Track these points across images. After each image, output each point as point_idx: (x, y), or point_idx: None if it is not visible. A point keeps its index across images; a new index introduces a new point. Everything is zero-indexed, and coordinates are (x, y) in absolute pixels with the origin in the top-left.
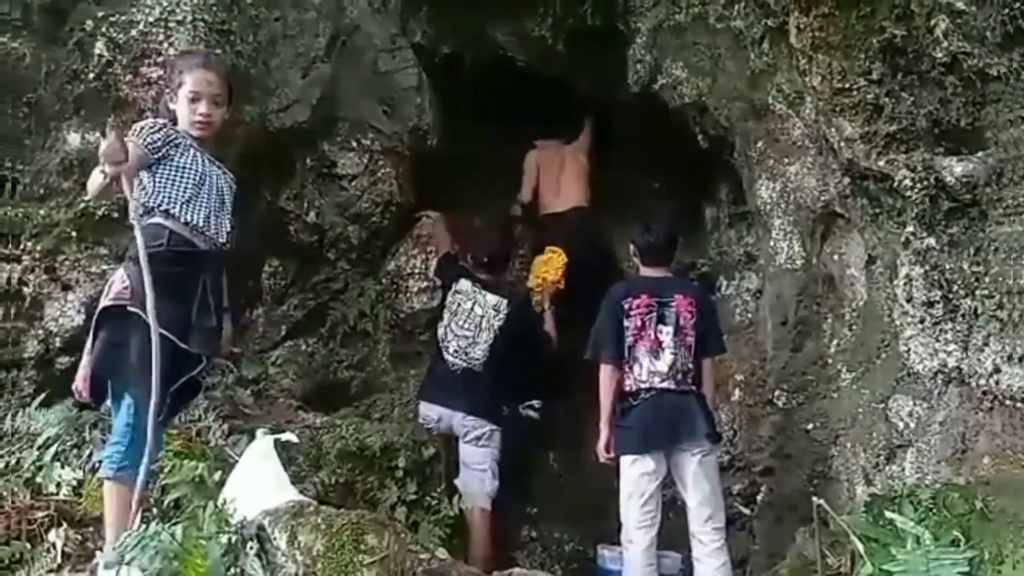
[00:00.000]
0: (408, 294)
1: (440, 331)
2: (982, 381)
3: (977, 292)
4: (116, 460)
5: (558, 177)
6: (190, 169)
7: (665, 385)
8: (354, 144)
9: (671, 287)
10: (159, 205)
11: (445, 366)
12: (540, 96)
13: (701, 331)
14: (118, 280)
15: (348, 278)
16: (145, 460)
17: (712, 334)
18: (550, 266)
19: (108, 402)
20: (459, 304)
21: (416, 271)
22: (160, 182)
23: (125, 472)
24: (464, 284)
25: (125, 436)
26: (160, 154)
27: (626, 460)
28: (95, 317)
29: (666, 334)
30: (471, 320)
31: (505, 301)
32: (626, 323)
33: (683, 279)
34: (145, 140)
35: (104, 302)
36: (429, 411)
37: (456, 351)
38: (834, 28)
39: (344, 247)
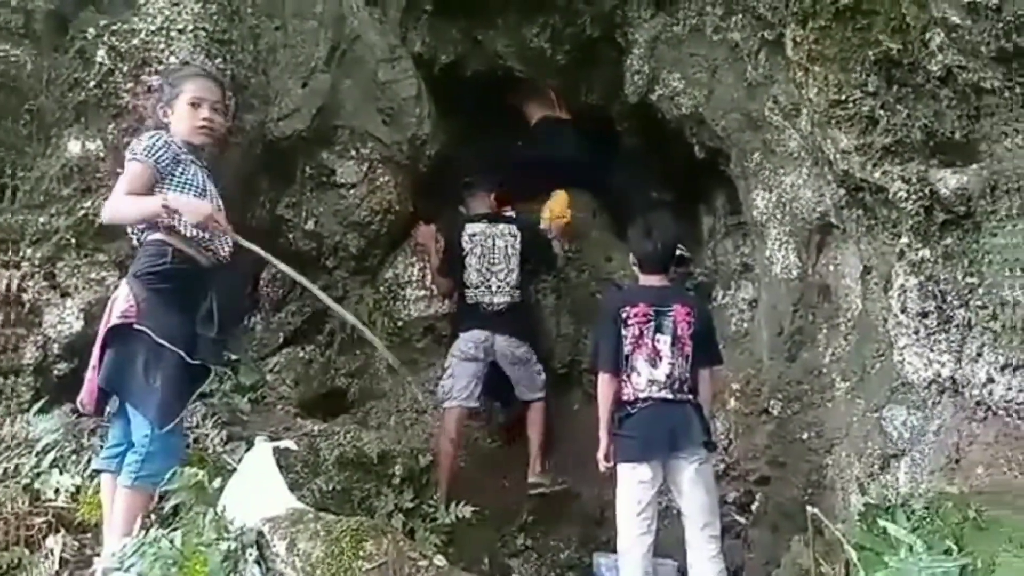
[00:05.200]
0: (406, 302)
1: (473, 277)
2: (976, 391)
3: (971, 303)
4: (135, 469)
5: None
6: (193, 184)
7: (663, 394)
8: (353, 153)
9: (670, 296)
10: (162, 222)
11: (475, 303)
12: None
13: (698, 341)
14: (123, 298)
15: (346, 286)
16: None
17: (710, 345)
18: (559, 203)
19: (108, 410)
20: (480, 245)
21: (414, 279)
22: None
23: (144, 482)
24: (474, 227)
25: (144, 447)
26: (167, 171)
27: (624, 468)
28: (103, 335)
29: (664, 343)
30: (497, 252)
31: (514, 225)
32: (624, 332)
33: (681, 288)
34: (155, 157)
35: (111, 320)
36: (475, 337)
37: (499, 287)
38: (830, 41)
39: (342, 255)
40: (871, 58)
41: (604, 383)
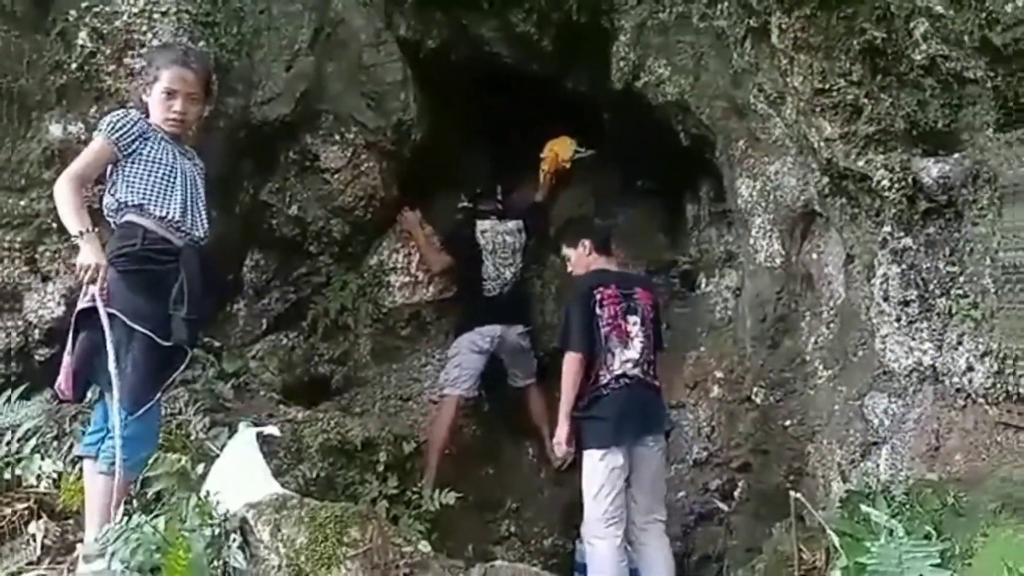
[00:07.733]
0: (390, 288)
1: (491, 271)
2: (956, 379)
3: (952, 291)
4: (111, 455)
5: None
6: (161, 163)
7: (636, 373)
8: (337, 137)
9: (633, 280)
10: (131, 201)
11: (493, 296)
12: (525, 92)
13: (655, 326)
14: None
15: (330, 272)
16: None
17: (661, 330)
18: (563, 146)
19: (90, 396)
20: (493, 241)
21: (399, 266)
22: (131, 177)
23: (121, 466)
24: (484, 224)
25: (119, 432)
26: (131, 149)
27: (595, 454)
28: (74, 318)
29: (634, 324)
30: (508, 248)
31: (520, 220)
32: (599, 312)
33: (641, 273)
34: (117, 135)
35: (82, 304)
36: (491, 331)
37: (511, 279)
38: (815, 29)
39: (326, 241)
40: (856, 47)
41: (574, 363)
